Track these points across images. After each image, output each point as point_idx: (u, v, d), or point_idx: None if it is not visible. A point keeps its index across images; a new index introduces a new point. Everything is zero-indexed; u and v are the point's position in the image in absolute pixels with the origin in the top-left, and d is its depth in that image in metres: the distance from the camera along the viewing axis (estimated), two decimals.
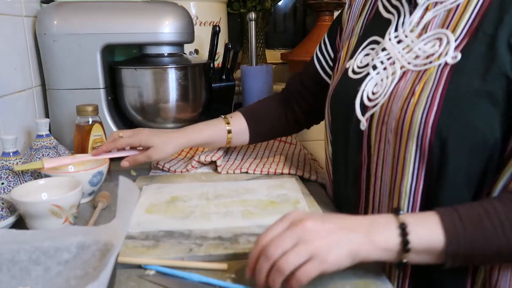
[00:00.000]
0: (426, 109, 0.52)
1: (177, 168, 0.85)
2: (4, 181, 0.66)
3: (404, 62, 0.58)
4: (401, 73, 0.57)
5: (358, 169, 0.62)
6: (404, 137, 0.54)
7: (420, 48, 0.57)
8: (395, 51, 0.60)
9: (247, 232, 0.58)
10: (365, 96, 0.60)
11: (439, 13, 0.57)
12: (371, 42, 0.66)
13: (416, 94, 0.53)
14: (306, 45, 1.48)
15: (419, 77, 0.55)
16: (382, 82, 0.59)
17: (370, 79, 0.61)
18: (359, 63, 0.65)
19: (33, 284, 0.45)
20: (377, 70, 0.61)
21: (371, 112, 0.59)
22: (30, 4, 0.93)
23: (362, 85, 0.61)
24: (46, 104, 0.96)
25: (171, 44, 0.95)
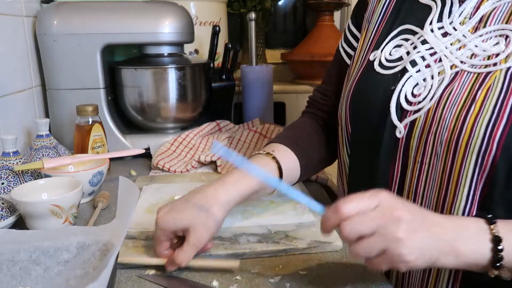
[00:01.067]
0: (492, 121, 0.44)
1: (177, 168, 0.85)
2: (4, 181, 0.66)
3: (456, 60, 0.49)
4: (453, 74, 0.49)
5: (387, 181, 0.54)
6: (460, 151, 0.46)
7: (478, 45, 0.49)
8: (440, 46, 0.51)
9: (247, 232, 0.58)
10: (403, 97, 0.52)
11: (501, 5, 0.49)
12: (403, 32, 0.56)
13: (478, 102, 0.45)
14: (306, 45, 1.48)
15: (480, 81, 0.46)
16: (425, 83, 0.51)
17: (408, 77, 0.52)
18: (387, 55, 0.56)
19: (33, 284, 0.45)
20: (417, 67, 0.52)
21: (412, 118, 0.50)
22: (30, 4, 0.93)
23: (398, 84, 0.52)
24: (46, 104, 0.96)
25: (171, 44, 0.95)
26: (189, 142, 0.96)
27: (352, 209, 0.40)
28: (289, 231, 0.58)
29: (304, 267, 0.51)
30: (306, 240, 0.56)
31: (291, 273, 0.50)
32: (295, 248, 0.54)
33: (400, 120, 0.51)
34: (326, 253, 0.54)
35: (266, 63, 1.49)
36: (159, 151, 0.90)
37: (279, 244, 0.55)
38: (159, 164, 0.85)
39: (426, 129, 0.49)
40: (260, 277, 0.49)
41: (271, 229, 0.59)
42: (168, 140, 0.95)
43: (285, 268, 0.51)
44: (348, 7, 1.65)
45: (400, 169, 0.52)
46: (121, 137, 0.94)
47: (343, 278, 0.49)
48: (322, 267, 0.51)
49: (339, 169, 0.66)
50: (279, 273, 0.50)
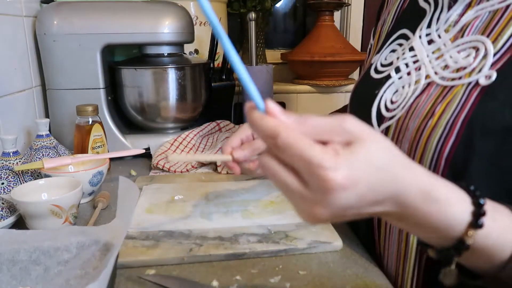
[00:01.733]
0: (443, 136, 0.43)
1: (177, 168, 0.85)
2: (4, 181, 0.66)
3: (431, 70, 0.48)
4: (425, 84, 0.48)
5: None
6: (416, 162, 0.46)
7: (452, 56, 0.47)
8: (423, 54, 0.50)
9: (247, 232, 0.58)
10: (383, 103, 0.51)
11: (482, 14, 0.47)
12: (401, 36, 0.55)
13: (436, 115, 0.44)
14: (306, 45, 1.48)
15: (443, 95, 0.45)
16: (402, 90, 0.50)
17: (390, 83, 0.52)
18: (383, 60, 0.56)
19: (33, 284, 0.45)
20: (399, 74, 0.51)
21: (387, 125, 0.50)
22: (30, 4, 0.93)
23: (381, 90, 0.52)
24: (46, 104, 0.96)
25: (171, 44, 0.95)
26: (189, 142, 0.96)
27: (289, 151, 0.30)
28: (289, 231, 0.58)
29: (304, 267, 0.51)
30: (306, 240, 0.56)
31: (291, 273, 0.50)
32: (295, 248, 0.54)
33: (379, 125, 0.51)
34: (326, 253, 0.54)
35: (266, 63, 1.49)
36: (159, 151, 0.90)
37: (279, 244, 0.55)
38: (159, 164, 0.85)
39: (395, 138, 0.49)
40: (260, 277, 0.49)
41: (271, 229, 0.59)
42: (168, 140, 0.95)
43: (285, 268, 0.51)
44: (348, 7, 1.65)
45: None
46: (121, 137, 0.94)
47: (343, 278, 0.49)
48: (322, 267, 0.51)
49: None
50: (279, 273, 0.50)
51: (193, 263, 0.52)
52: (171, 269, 0.51)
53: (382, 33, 0.61)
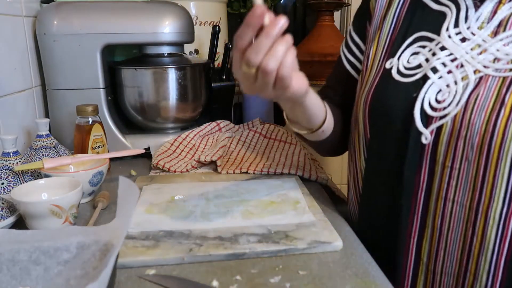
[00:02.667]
0: None
1: (177, 168, 0.85)
2: (4, 181, 0.66)
3: (478, 65, 0.50)
4: (477, 79, 0.50)
5: (412, 190, 0.53)
6: (493, 155, 0.47)
7: (500, 49, 0.49)
8: (460, 51, 0.52)
9: (247, 232, 0.58)
10: (427, 104, 0.52)
11: None
12: (419, 39, 0.57)
13: (508, 105, 0.46)
14: (306, 45, 1.48)
15: (507, 84, 0.47)
16: (448, 88, 0.51)
17: (431, 84, 0.52)
18: (405, 63, 0.56)
19: (33, 284, 0.45)
20: (438, 74, 0.52)
21: (439, 124, 0.51)
22: (30, 4, 0.93)
23: (421, 91, 0.52)
24: (46, 104, 0.96)
25: (171, 44, 0.95)
26: (189, 142, 0.96)
27: None
28: (289, 231, 0.58)
29: (304, 267, 0.51)
30: (306, 240, 0.56)
31: (291, 273, 0.50)
32: (295, 248, 0.54)
33: (425, 127, 0.51)
34: (326, 253, 0.54)
35: None
36: (159, 151, 0.90)
37: (279, 244, 0.55)
38: (159, 164, 0.85)
39: (454, 135, 0.49)
40: (260, 277, 0.49)
41: (271, 229, 0.59)
42: (168, 140, 0.95)
43: (285, 268, 0.51)
44: (348, 7, 1.65)
45: (426, 175, 0.52)
46: (121, 137, 0.94)
47: (343, 278, 0.49)
48: (322, 267, 0.51)
49: (352, 172, 0.66)
50: (279, 273, 0.50)
51: (193, 263, 0.52)
52: (171, 269, 0.51)
53: (382, 39, 0.62)
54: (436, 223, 0.53)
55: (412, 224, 0.54)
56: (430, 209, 0.53)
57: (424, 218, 0.53)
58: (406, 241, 0.56)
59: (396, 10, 0.61)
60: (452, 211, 0.51)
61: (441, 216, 0.52)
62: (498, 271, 0.50)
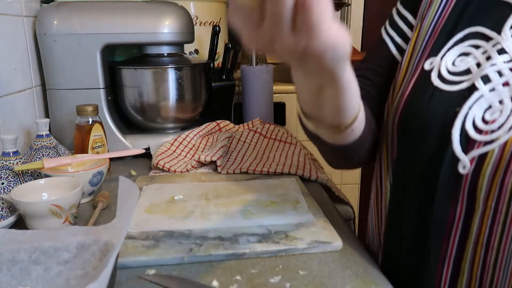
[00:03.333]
0: None
1: (177, 168, 0.85)
2: (4, 181, 0.66)
3: None
4: None
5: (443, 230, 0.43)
6: None
7: None
8: None
9: (247, 232, 0.58)
10: (470, 123, 0.40)
11: None
12: (472, 35, 0.45)
13: None
14: None
15: None
16: (501, 106, 0.39)
17: (479, 97, 0.41)
18: (450, 65, 0.44)
19: (33, 284, 0.45)
20: (491, 85, 0.40)
21: (483, 151, 0.39)
22: (30, 4, 0.93)
23: (465, 106, 0.41)
24: (46, 104, 0.96)
25: (171, 44, 0.95)
26: (189, 142, 0.96)
27: None
28: (289, 231, 0.58)
29: (304, 267, 0.51)
30: (306, 240, 0.56)
31: (291, 273, 0.50)
32: (295, 248, 0.54)
33: (465, 152, 0.40)
34: (326, 253, 0.54)
35: (266, 63, 1.49)
36: (159, 151, 0.90)
37: (279, 244, 0.55)
38: (159, 164, 0.85)
39: (502, 167, 0.38)
40: (260, 277, 0.49)
41: (271, 229, 0.59)
42: (168, 140, 0.95)
43: (285, 268, 0.51)
44: (348, 7, 1.65)
45: (463, 214, 0.41)
46: (121, 137, 0.94)
47: (343, 278, 0.49)
48: (322, 267, 0.51)
49: (376, 195, 0.55)
50: (279, 273, 0.50)
51: (193, 263, 0.52)
52: (171, 269, 0.51)
53: (423, 29, 0.49)
54: (475, 272, 0.42)
55: (442, 270, 0.44)
56: (466, 256, 0.42)
57: (457, 264, 0.43)
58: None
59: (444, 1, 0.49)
60: (497, 261, 0.41)
61: (482, 265, 0.42)
62: None
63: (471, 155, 0.40)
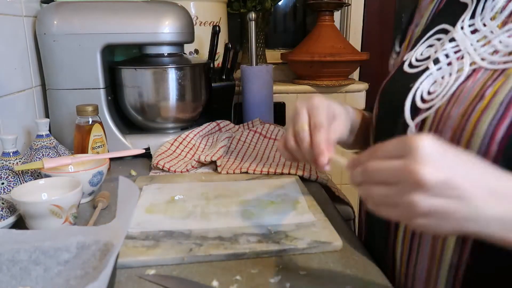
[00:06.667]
0: (496, 119, 0.40)
1: (177, 168, 0.85)
2: (4, 181, 0.66)
3: (477, 57, 0.46)
4: (470, 71, 0.46)
5: None
6: None
7: (502, 41, 0.45)
8: (466, 43, 0.49)
9: (247, 232, 0.58)
10: (419, 95, 0.49)
11: None
12: (439, 31, 0.54)
13: (486, 98, 0.42)
14: (306, 45, 1.48)
15: (494, 78, 0.43)
16: (443, 80, 0.48)
17: (428, 75, 0.50)
18: (419, 55, 0.54)
19: (33, 284, 0.45)
20: (439, 65, 0.50)
21: (423, 116, 0.47)
22: (30, 4, 0.93)
23: (417, 82, 0.50)
24: (46, 104, 0.96)
25: (171, 44, 0.95)
26: (189, 142, 0.96)
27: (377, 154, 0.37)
28: (289, 231, 0.58)
29: (304, 267, 0.51)
30: (306, 240, 0.56)
31: (291, 273, 0.50)
32: (295, 248, 0.54)
33: (413, 119, 0.49)
34: (326, 253, 0.54)
35: (266, 63, 1.49)
36: (159, 151, 0.90)
37: (279, 244, 0.55)
38: (159, 164, 0.85)
39: (433, 128, 0.46)
40: (260, 277, 0.49)
41: (271, 229, 0.59)
42: (168, 140, 0.95)
43: (285, 268, 0.51)
44: (348, 7, 1.65)
45: None
46: (121, 137, 0.94)
47: (343, 278, 0.49)
48: (322, 267, 0.51)
49: None
50: (279, 273, 0.50)
51: (193, 263, 0.52)
52: (171, 269, 0.51)
53: (415, 34, 0.60)
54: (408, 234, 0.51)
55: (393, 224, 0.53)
56: None
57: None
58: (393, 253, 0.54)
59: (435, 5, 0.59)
60: None
61: None
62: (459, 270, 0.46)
63: (416, 121, 0.48)
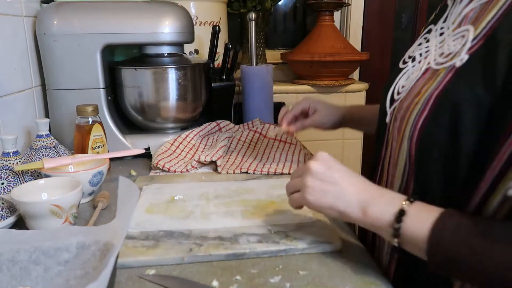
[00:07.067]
0: (419, 112, 0.49)
1: (177, 168, 0.85)
2: (4, 181, 0.66)
3: (432, 58, 0.54)
4: (424, 70, 0.54)
5: (378, 161, 0.61)
6: (400, 136, 0.53)
7: (448, 44, 0.52)
8: (433, 44, 0.56)
9: (247, 232, 0.58)
10: (396, 88, 0.58)
11: (476, 6, 0.51)
12: (428, 31, 0.61)
13: (421, 94, 0.50)
14: (306, 45, 1.48)
15: (431, 77, 0.51)
16: (411, 76, 0.56)
17: (406, 71, 0.58)
18: (411, 52, 0.61)
19: (33, 284, 0.45)
20: (414, 63, 0.58)
21: (394, 106, 0.56)
22: (30, 4, 0.93)
23: (397, 78, 0.59)
24: (46, 104, 0.96)
25: (171, 44, 0.95)
26: (189, 142, 0.96)
27: None
28: (289, 231, 0.58)
29: (304, 267, 0.51)
30: (306, 240, 0.56)
31: (291, 273, 0.50)
32: (295, 248, 0.54)
33: (389, 108, 0.58)
34: (326, 253, 0.54)
35: (266, 63, 1.49)
36: (159, 151, 0.90)
37: (279, 244, 0.55)
38: (159, 164, 0.85)
39: (394, 117, 0.56)
40: (260, 277, 0.49)
41: (271, 229, 0.59)
42: (168, 140, 0.95)
43: (285, 268, 0.51)
44: (348, 7, 1.65)
45: (384, 151, 0.59)
46: (121, 137, 0.94)
47: (343, 278, 0.49)
48: (322, 267, 0.51)
49: None
50: (279, 273, 0.50)
51: (193, 263, 0.52)
52: (171, 269, 0.51)
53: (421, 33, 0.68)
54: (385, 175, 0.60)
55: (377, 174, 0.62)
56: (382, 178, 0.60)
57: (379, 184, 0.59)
58: None
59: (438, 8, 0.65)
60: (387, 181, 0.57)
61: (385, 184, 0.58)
62: None
63: (391, 110, 0.57)
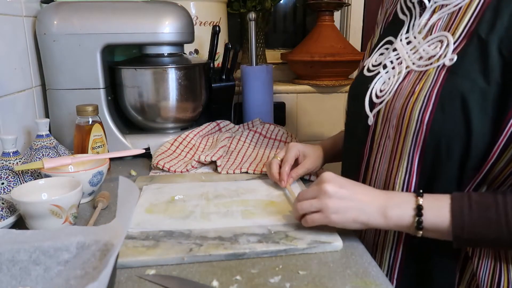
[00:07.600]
0: (423, 107, 0.55)
1: (177, 168, 0.85)
2: (4, 181, 0.66)
3: (410, 62, 0.61)
4: (406, 73, 0.61)
5: (359, 162, 0.66)
6: (402, 133, 0.57)
7: (424, 49, 0.60)
8: (403, 52, 0.64)
9: (247, 232, 0.58)
10: (374, 93, 0.64)
11: (443, 16, 0.61)
12: (387, 42, 0.70)
13: (416, 93, 0.57)
14: (306, 45, 1.48)
15: (420, 77, 0.58)
16: (389, 81, 0.63)
17: (379, 77, 0.65)
18: (374, 61, 0.69)
19: (33, 284, 0.45)
20: (386, 69, 0.65)
21: (378, 109, 0.63)
22: (30, 4, 0.93)
23: (372, 83, 0.65)
24: (46, 104, 0.96)
25: (171, 44, 0.95)
26: (189, 142, 0.96)
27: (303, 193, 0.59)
28: (289, 231, 0.58)
29: (304, 267, 0.51)
30: (306, 240, 0.56)
31: (291, 273, 0.50)
32: (295, 248, 0.54)
33: (371, 111, 0.64)
34: (326, 253, 0.55)
35: (266, 63, 1.49)
36: (159, 151, 0.90)
37: (279, 244, 0.55)
38: (159, 164, 0.85)
39: (385, 117, 0.61)
40: (260, 277, 0.49)
41: (271, 229, 0.59)
42: (168, 140, 0.95)
43: (285, 268, 0.51)
44: (348, 7, 1.65)
45: (368, 150, 0.65)
46: (121, 137, 0.94)
47: (343, 278, 0.49)
48: (322, 267, 0.51)
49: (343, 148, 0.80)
50: (279, 273, 0.50)
51: (193, 263, 0.52)
52: (171, 269, 0.51)
53: (373, 43, 0.76)
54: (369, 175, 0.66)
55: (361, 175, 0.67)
56: (366, 178, 0.65)
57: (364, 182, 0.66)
58: None
59: (385, 19, 0.75)
60: (376, 180, 0.63)
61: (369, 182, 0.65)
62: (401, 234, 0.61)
63: (374, 112, 0.63)
